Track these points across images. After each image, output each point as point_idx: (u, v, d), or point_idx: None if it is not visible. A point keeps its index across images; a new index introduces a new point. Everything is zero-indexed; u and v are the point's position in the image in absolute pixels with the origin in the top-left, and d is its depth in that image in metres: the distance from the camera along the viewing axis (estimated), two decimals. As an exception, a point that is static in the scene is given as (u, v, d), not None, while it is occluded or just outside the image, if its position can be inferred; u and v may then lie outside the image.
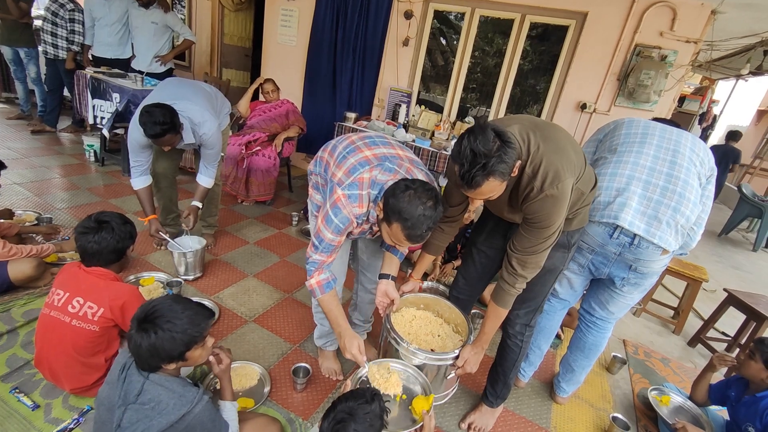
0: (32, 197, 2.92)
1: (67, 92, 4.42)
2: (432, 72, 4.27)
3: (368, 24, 3.98)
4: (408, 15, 3.84)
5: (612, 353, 2.38)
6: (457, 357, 1.50)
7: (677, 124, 1.82)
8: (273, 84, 3.64)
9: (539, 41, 3.74)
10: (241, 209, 3.53)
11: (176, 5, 5.43)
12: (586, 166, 1.36)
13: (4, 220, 2.26)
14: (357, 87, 4.25)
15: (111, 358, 1.50)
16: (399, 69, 4.08)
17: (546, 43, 3.71)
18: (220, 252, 2.77)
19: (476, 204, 1.28)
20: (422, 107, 4.00)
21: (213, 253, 2.73)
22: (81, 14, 4.05)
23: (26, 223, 2.44)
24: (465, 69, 3.91)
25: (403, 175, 1.38)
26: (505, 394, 1.74)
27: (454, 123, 3.93)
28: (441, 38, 4.22)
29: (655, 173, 1.51)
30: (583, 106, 3.43)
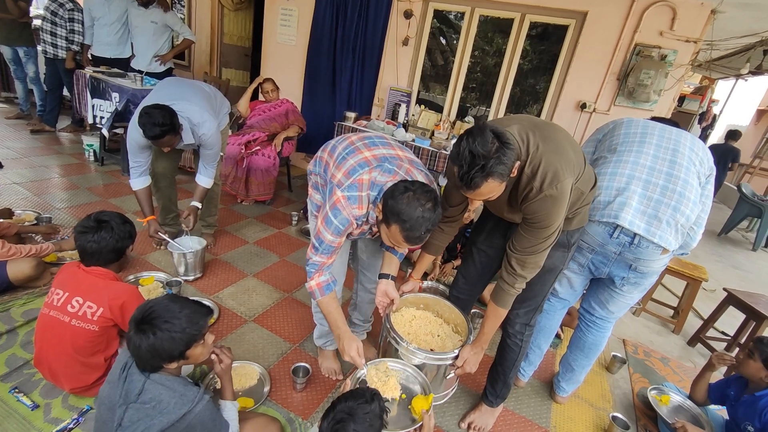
0: (31, 197, 2.92)
1: (67, 92, 4.41)
2: (432, 71, 4.27)
3: (368, 23, 3.98)
4: (408, 14, 3.83)
5: (612, 353, 2.38)
6: (457, 357, 1.50)
7: (676, 124, 1.82)
8: (272, 83, 3.64)
9: (539, 41, 3.74)
10: (241, 209, 3.53)
11: (176, 4, 5.42)
12: (586, 166, 1.36)
13: (4, 220, 2.26)
14: (357, 86, 4.25)
15: (110, 358, 1.50)
16: (399, 68, 4.07)
17: (546, 43, 3.71)
18: (220, 252, 2.77)
19: (476, 204, 1.28)
20: (422, 107, 4.00)
21: (213, 253, 2.73)
22: (80, 14, 4.05)
23: (25, 223, 2.44)
24: (465, 68, 3.91)
25: (403, 176, 1.38)
26: (505, 394, 1.74)
27: (454, 122, 3.93)
28: (441, 38, 4.22)
29: (655, 172, 1.51)
30: (583, 106, 3.43)
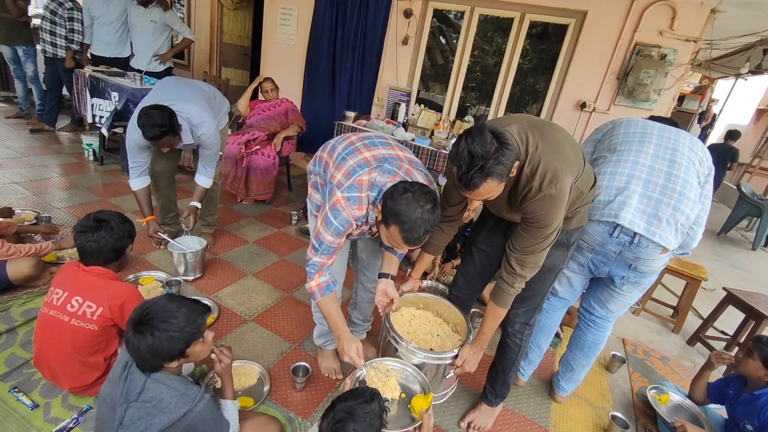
0: (31, 196, 2.92)
1: (66, 91, 4.41)
2: (431, 71, 4.26)
3: (368, 23, 3.98)
4: (407, 14, 3.83)
5: (611, 352, 2.38)
6: (456, 356, 1.50)
7: (674, 123, 1.82)
8: (272, 83, 3.64)
9: (539, 40, 3.74)
10: (241, 208, 3.53)
11: (175, 4, 5.41)
12: (585, 165, 1.36)
13: (3, 219, 2.26)
14: (356, 86, 4.24)
15: (110, 358, 1.50)
16: (398, 68, 4.07)
17: (545, 42, 3.71)
18: (220, 251, 2.77)
19: (475, 203, 1.28)
20: (422, 106, 4.00)
21: (212, 252, 2.73)
22: (80, 13, 4.04)
23: (25, 222, 2.44)
24: (464, 68, 3.90)
25: (402, 177, 1.38)
26: (505, 393, 1.75)
27: (454, 122, 3.93)
28: (440, 37, 4.22)
29: (655, 172, 1.51)
30: (583, 105, 3.43)
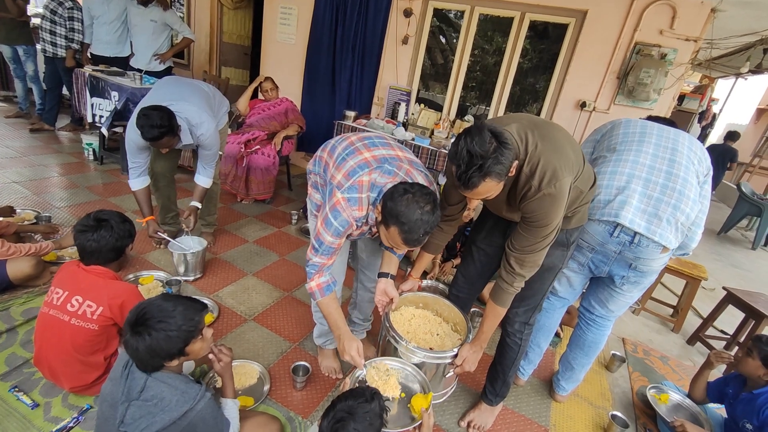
0: (31, 196, 2.92)
1: (66, 90, 4.40)
2: (431, 70, 4.26)
3: (367, 22, 3.97)
4: (407, 13, 3.83)
5: (611, 351, 2.39)
6: (456, 355, 1.50)
7: (673, 123, 1.83)
8: (272, 82, 3.64)
9: (539, 39, 3.74)
10: (241, 208, 3.53)
11: (175, 3, 5.40)
12: (585, 165, 1.36)
13: (3, 218, 2.26)
14: (356, 85, 4.24)
15: (110, 357, 1.50)
16: (398, 67, 4.07)
17: (546, 42, 3.70)
18: (220, 251, 2.77)
19: (475, 203, 1.28)
20: (422, 105, 4.00)
21: (212, 252, 2.73)
22: (80, 12, 4.04)
23: (25, 222, 2.44)
24: (464, 67, 3.90)
25: (403, 177, 1.38)
26: (505, 393, 1.75)
27: (454, 121, 3.93)
28: (440, 36, 4.22)
29: (655, 171, 1.51)
30: (583, 105, 3.43)
